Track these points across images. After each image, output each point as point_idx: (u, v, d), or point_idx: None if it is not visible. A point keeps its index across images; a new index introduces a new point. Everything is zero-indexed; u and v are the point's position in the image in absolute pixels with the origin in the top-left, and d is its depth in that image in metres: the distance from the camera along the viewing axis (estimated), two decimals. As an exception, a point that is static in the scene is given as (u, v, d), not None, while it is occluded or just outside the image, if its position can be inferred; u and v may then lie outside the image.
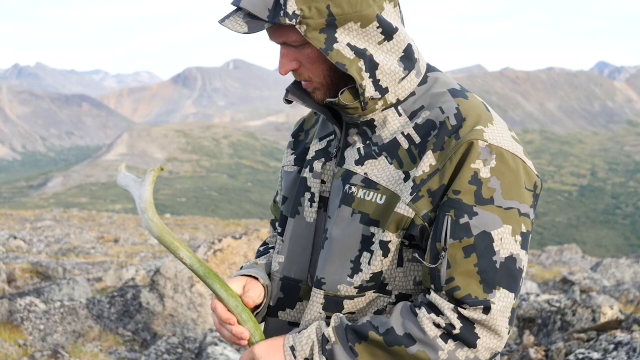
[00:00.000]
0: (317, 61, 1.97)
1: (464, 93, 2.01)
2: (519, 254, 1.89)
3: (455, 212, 1.85)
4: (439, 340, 1.85)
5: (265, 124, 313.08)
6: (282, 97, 2.08)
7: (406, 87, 2.01)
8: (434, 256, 1.88)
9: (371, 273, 1.96)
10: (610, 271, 19.24)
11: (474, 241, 1.85)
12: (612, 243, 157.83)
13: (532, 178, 1.97)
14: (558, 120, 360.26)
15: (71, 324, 9.73)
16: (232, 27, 1.90)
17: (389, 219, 1.92)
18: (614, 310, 8.06)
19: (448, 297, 1.86)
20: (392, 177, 1.95)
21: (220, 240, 10.55)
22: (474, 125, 1.90)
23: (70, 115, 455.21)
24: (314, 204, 2.09)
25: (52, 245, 21.95)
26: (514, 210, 1.88)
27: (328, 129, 2.17)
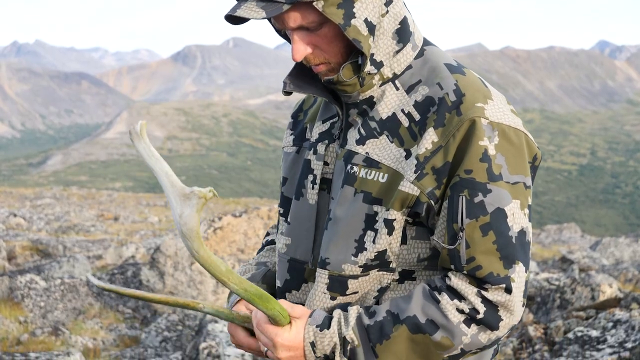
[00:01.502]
0: (335, 40, 1.94)
1: (461, 69, 2.00)
2: (527, 226, 1.91)
3: (469, 192, 1.85)
4: (462, 326, 1.85)
5: (265, 102, 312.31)
6: (282, 80, 1.99)
7: (402, 61, 2.00)
8: (452, 237, 1.87)
9: (376, 251, 1.95)
10: (609, 250, 19.27)
11: (489, 219, 1.85)
12: (611, 222, 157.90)
13: (533, 150, 1.98)
14: (558, 99, 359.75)
15: (71, 301, 9.76)
16: (248, 14, 1.85)
17: (392, 197, 1.92)
18: (613, 288, 8.09)
19: (469, 277, 1.87)
20: (394, 155, 1.94)
21: (220, 219, 10.56)
22: (474, 102, 1.90)
23: (69, 93, 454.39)
24: (315, 186, 2.09)
25: (52, 223, 21.98)
26: (520, 184, 1.90)
27: (331, 111, 2.15)
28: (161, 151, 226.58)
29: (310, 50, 1.95)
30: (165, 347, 8.23)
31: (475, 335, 1.87)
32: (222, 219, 10.58)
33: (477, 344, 1.89)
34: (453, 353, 1.89)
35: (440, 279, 1.91)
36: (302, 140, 2.22)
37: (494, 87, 2.03)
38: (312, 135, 2.17)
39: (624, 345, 5.55)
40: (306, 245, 2.12)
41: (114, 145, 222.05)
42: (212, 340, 7.13)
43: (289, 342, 1.92)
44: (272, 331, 1.93)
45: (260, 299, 1.90)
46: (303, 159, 2.17)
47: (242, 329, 2.10)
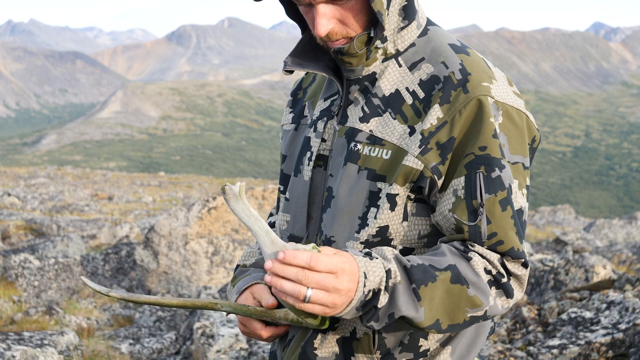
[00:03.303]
0: (361, 12, 1.93)
1: (465, 49, 2.01)
2: (525, 207, 1.94)
3: (485, 168, 1.85)
4: (490, 287, 1.87)
5: (260, 82, 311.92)
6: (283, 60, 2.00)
7: (406, 38, 2.00)
8: (472, 213, 1.87)
9: (377, 227, 1.94)
10: (603, 232, 19.33)
11: (506, 194, 1.87)
12: (605, 204, 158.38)
13: (532, 132, 2.00)
14: (553, 81, 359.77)
15: (65, 281, 9.76)
16: None
17: (396, 173, 1.92)
18: (607, 270, 8.09)
19: (490, 250, 1.88)
20: (397, 132, 1.94)
21: (215, 199, 10.54)
22: (481, 81, 1.90)
23: (64, 72, 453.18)
24: (310, 162, 2.09)
25: (46, 203, 21.94)
26: (520, 164, 1.92)
27: (333, 89, 2.14)
28: (156, 131, 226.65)
29: (334, 25, 1.93)
30: (159, 326, 8.23)
31: (494, 298, 1.87)
32: (216, 199, 10.56)
33: (496, 309, 1.89)
34: (477, 314, 1.86)
35: (462, 244, 1.90)
36: (301, 117, 2.22)
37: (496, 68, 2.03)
38: (314, 113, 2.16)
39: (617, 327, 5.56)
40: (302, 221, 2.12)
41: (108, 124, 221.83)
42: (205, 320, 7.13)
43: (352, 269, 1.73)
44: (336, 258, 1.71)
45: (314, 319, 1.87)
46: (302, 136, 2.17)
47: (256, 320, 2.05)
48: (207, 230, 10.31)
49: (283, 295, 1.69)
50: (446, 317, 1.83)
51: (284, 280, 1.67)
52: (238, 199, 1.70)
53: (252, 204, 10.81)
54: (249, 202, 10.71)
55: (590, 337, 5.50)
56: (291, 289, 1.66)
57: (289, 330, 2.08)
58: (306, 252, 1.66)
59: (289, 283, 1.66)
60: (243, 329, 2.10)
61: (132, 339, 7.68)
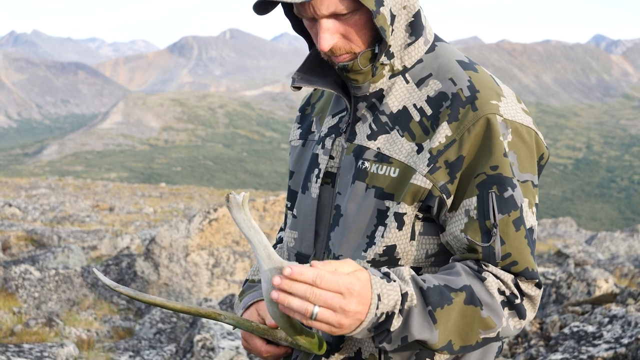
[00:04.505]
0: (365, 28, 1.91)
1: (473, 66, 2.00)
2: (535, 225, 1.93)
3: (498, 188, 1.84)
4: (503, 308, 1.85)
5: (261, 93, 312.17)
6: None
7: (413, 54, 1.99)
8: (485, 234, 1.85)
9: (384, 246, 1.93)
10: (604, 244, 19.27)
11: (519, 213, 1.86)
12: (606, 216, 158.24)
13: (541, 149, 1.99)
14: (554, 93, 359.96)
15: (66, 292, 9.73)
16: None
17: (404, 191, 1.90)
18: (609, 283, 8.07)
19: (504, 271, 1.87)
20: (405, 150, 1.92)
21: (216, 210, 10.52)
22: (489, 99, 1.89)
23: (66, 83, 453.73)
24: (318, 180, 2.07)
25: (47, 213, 21.93)
26: (529, 182, 1.91)
27: (341, 106, 2.13)
28: (157, 142, 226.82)
29: (338, 40, 1.92)
30: (160, 339, 8.21)
31: (508, 320, 1.86)
32: (217, 211, 10.54)
33: (508, 331, 1.87)
34: (490, 335, 1.84)
35: (476, 263, 1.88)
36: (308, 133, 2.21)
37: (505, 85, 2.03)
38: (322, 130, 2.15)
39: (620, 341, 5.53)
40: (309, 239, 2.11)
41: (109, 135, 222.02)
42: (206, 332, 7.11)
43: (363, 291, 1.68)
44: (345, 278, 1.66)
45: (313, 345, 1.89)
46: (310, 153, 2.16)
47: (258, 337, 2.03)
48: (208, 242, 10.29)
49: (290, 311, 1.66)
50: (459, 339, 1.81)
51: (292, 297, 1.64)
52: (240, 209, 1.69)
53: (253, 215, 10.79)
54: (253, 215, 10.69)
55: (593, 352, 5.47)
56: (298, 306, 1.63)
57: (289, 352, 2.05)
58: (312, 269, 1.63)
59: (296, 300, 1.63)
60: (245, 344, 2.08)
61: (132, 351, 7.66)
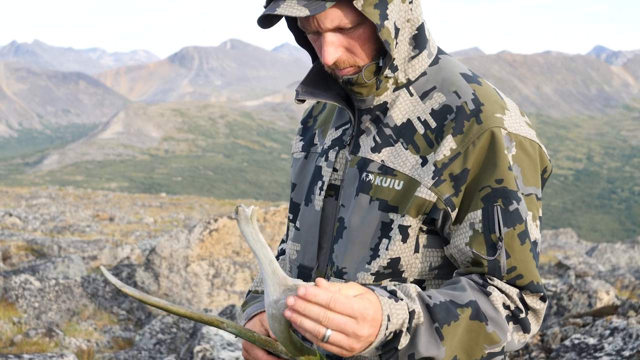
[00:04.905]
0: (369, 41, 1.92)
1: (477, 79, 2.00)
2: (538, 238, 1.92)
3: (503, 201, 1.84)
4: (506, 321, 1.85)
5: (262, 104, 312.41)
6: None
7: (417, 67, 1.99)
8: (491, 247, 1.85)
9: (389, 259, 1.93)
10: (605, 256, 19.27)
11: (524, 226, 1.86)
12: (607, 228, 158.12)
13: (545, 162, 1.99)
14: (554, 104, 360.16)
15: (66, 302, 9.72)
16: (291, 12, 1.82)
17: (408, 204, 1.90)
18: (610, 295, 8.05)
19: (510, 285, 1.87)
20: (409, 162, 1.92)
21: (216, 220, 10.51)
22: (494, 112, 1.89)
23: (67, 93, 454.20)
24: (322, 192, 2.07)
25: (48, 223, 21.91)
26: (533, 196, 1.91)
27: (344, 118, 2.14)
28: (157, 152, 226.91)
29: (342, 53, 1.93)
30: (160, 349, 8.19)
31: (512, 334, 1.87)
32: (217, 221, 10.52)
33: (512, 345, 1.88)
34: (495, 350, 1.85)
35: (481, 277, 1.88)
36: (311, 145, 2.22)
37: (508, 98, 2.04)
38: (325, 142, 2.14)
39: (621, 354, 5.52)
40: (312, 252, 2.10)
41: (110, 145, 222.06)
42: (206, 343, 7.09)
43: (375, 315, 1.68)
44: (358, 302, 1.66)
45: None
46: (313, 165, 2.16)
47: (260, 349, 1.99)
48: (208, 253, 10.27)
49: (302, 331, 1.64)
50: (464, 354, 1.82)
51: (305, 318, 1.62)
52: (249, 222, 1.69)
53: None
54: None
55: (594, 364, 5.46)
56: (311, 328, 1.62)
57: None
58: (327, 291, 1.62)
59: (309, 321, 1.62)
60: (245, 355, 2.05)
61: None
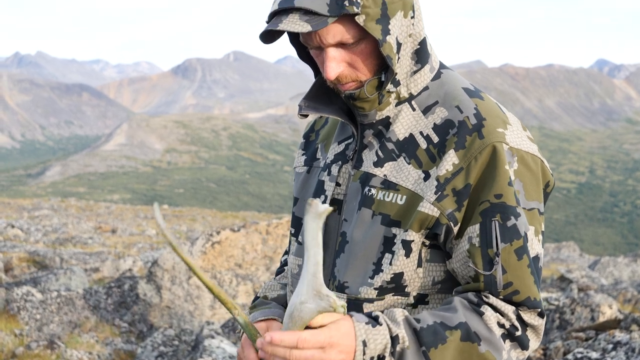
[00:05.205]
0: (371, 56, 1.93)
1: (479, 93, 2.01)
2: (541, 253, 1.93)
3: (501, 216, 1.85)
4: (503, 341, 1.86)
5: (265, 116, 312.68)
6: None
7: (419, 82, 2.00)
8: (488, 263, 1.86)
9: (392, 273, 1.94)
10: (608, 269, 19.23)
11: (523, 242, 1.86)
12: (609, 241, 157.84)
13: (547, 177, 2.00)
14: (557, 117, 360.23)
15: (68, 314, 9.70)
16: (293, 28, 1.83)
17: (411, 219, 1.91)
18: (613, 309, 8.04)
19: (505, 301, 1.87)
20: (412, 177, 1.93)
21: (219, 233, 10.51)
22: (496, 127, 1.90)
23: (70, 104, 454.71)
24: None
25: (50, 235, 21.91)
26: (535, 210, 1.92)
27: (346, 133, 2.14)
28: (160, 164, 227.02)
29: (344, 68, 1.94)
30: (161, 362, 8.17)
31: (510, 352, 1.87)
32: (220, 233, 10.53)
33: None
34: None
35: (476, 295, 1.89)
36: (313, 160, 2.22)
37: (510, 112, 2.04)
38: (327, 157, 2.15)
39: (624, 368, 5.51)
40: None
41: (112, 157, 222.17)
42: (208, 356, 7.08)
43: (343, 341, 1.74)
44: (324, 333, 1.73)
45: None
46: (315, 180, 2.17)
47: (254, 349, 1.96)
48: (211, 265, 10.27)
49: None
50: None
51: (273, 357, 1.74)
52: (316, 218, 1.67)
53: (255, 238, 10.79)
54: (256, 238, 10.69)
55: (597, 378, 5.45)
56: None
57: None
58: (293, 334, 1.70)
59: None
60: (240, 351, 2.02)
61: (134, 374, 7.63)
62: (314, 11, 1.84)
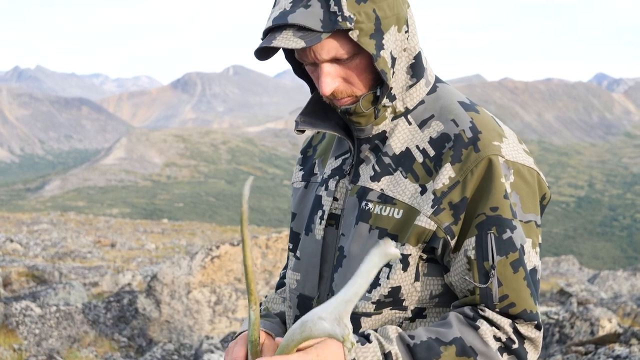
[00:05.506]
0: (365, 71, 1.93)
1: (474, 107, 2.02)
2: (538, 265, 1.94)
3: (497, 229, 1.85)
4: (498, 354, 1.86)
5: (264, 130, 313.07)
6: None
7: (415, 96, 2.01)
8: (483, 275, 1.87)
9: (390, 287, 1.94)
10: (607, 283, 19.24)
11: (518, 255, 1.86)
12: (609, 255, 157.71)
13: (543, 189, 2.01)
14: (556, 131, 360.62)
15: (67, 329, 9.69)
16: (287, 44, 1.83)
17: (408, 233, 1.91)
18: (613, 323, 8.04)
19: (502, 314, 1.88)
20: (409, 191, 1.94)
21: (218, 247, 10.51)
22: (491, 140, 1.91)
23: (69, 118, 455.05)
24: (322, 222, 2.08)
25: (49, 249, 21.90)
26: (532, 222, 1.93)
27: (344, 147, 2.15)
28: (159, 177, 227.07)
29: (339, 84, 1.94)
30: (161, 377, 8.16)
31: None
32: (219, 248, 10.52)
33: None
34: None
35: (472, 309, 1.89)
36: (311, 175, 2.23)
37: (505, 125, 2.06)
38: (324, 172, 2.16)
39: (624, 382, 5.50)
40: (313, 281, 2.11)
41: (112, 171, 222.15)
42: (207, 370, 7.08)
43: (332, 358, 1.74)
44: (311, 352, 1.72)
45: None
46: (313, 195, 2.17)
47: (246, 350, 1.93)
48: (210, 279, 10.26)
49: None
50: None
51: None
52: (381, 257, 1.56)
53: (255, 252, 10.78)
54: (255, 252, 10.69)
55: (597, 393, 5.44)
56: None
57: None
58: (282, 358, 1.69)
59: None
60: (232, 345, 1.97)
61: (133, 389, 7.62)
62: (308, 27, 1.84)
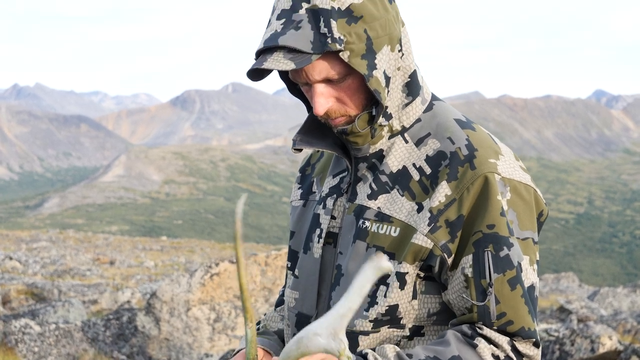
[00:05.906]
0: (358, 91, 1.93)
1: (471, 124, 2.02)
2: (536, 282, 1.94)
3: (494, 247, 1.86)
4: None
5: (263, 147, 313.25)
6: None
7: (411, 114, 2.01)
8: (481, 293, 1.87)
9: (387, 306, 1.94)
10: (607, 300, 19.22)
11: (516, 272, 1.86)
12: (608, 272, 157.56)
13: (540, 206, 2.00)
14: (555, 147, 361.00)
15: (66, 347, 9.67)
16: (277, 66, 1.84)
17: (405, 251, 1.91)
18: (613, 340, 8.02)
19: (500, 332, 1.88)
20: (405, 209, 1.94)
21: (217, 264, 10.49)
22: (487, 158, 1.91)
23: (68, 136, 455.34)
24: (320, 240, 2.08)
25: (48, 267, 21.89)
26: (529, 240, 1.93)
27: (341, 166, 2.14)
28: (158, 195, 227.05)
29: (332, 104, 1.94)
30: (160, 395, 8.14)
31: None
32: (219, 265, 10.51)
33: None
34: None
35: (470, 327, 1.89)
36: (309, 193, 2.23)
37: (501, 142, 2.05)
38: (322, 190, 2.16)
39: (625, 399, 5.49)
40: (311, 299, 2.11)
41: (111, 188, 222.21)
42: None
43: None
44: None
45: None
46: (311, 213, 2.17)
47: None
48: (210, 297, 10.25)
49: None
50: None
51: None
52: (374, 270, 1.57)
53: (254, 270, 10.77)
54: (254, 269, 10.68)
55: (598, 410, 5.43)
56: None
57: None
58: None
59: None
60: None
61: (132, 407, 7.59)
62: (298, 49, 1.84)
